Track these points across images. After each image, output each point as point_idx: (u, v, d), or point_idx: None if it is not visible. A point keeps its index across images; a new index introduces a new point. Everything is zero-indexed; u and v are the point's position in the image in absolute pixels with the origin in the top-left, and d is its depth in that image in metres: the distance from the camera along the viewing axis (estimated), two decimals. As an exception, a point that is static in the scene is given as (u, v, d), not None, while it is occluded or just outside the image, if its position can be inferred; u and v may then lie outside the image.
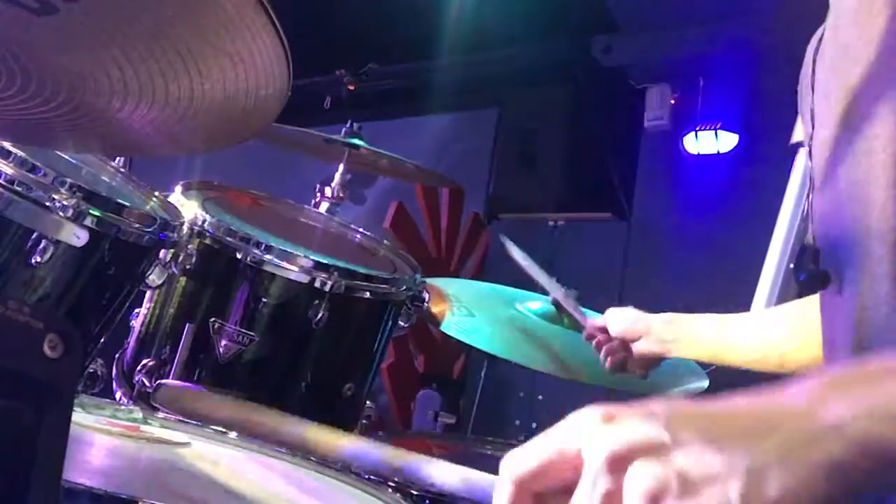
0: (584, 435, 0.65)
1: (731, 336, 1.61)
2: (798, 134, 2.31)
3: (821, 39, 1.03)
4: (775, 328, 1.54)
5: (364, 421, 1.81)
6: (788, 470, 0.59)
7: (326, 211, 2.24)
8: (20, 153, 1.34)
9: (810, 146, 1.04)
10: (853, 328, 0.95)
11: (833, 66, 0.98)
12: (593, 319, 1.80)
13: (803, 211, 2.35)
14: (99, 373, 1.60)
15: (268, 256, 1.65)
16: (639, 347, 1.67)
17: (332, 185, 2.30)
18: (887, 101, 0.88)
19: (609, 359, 1.72)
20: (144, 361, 1.65)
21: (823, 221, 1.01)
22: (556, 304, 1.93)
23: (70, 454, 0.69)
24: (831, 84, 0.98)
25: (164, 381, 1.62)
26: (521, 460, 0.66)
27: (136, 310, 1.73)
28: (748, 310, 2.25)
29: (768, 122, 4.16)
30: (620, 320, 1.69)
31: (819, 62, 1.03)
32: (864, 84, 0.91)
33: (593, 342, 1.76)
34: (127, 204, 1.48)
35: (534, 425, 4.78)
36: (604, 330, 1.72)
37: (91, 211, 1.40)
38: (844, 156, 0.94)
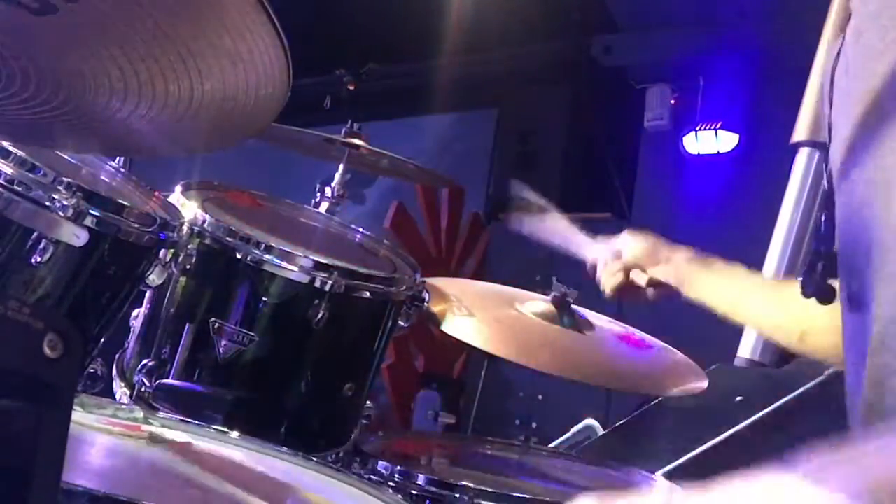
0: None
1: (753, 294, 1.53)
2: (798, 134, 2.31)
3: (839, 51, 1.02)
4: (800, 303, 1.48)
5: (364, 421, 1.81)
6: None
7: (326, 211, 2.24)
8: (20, 153, 1.34)
9: (827, 157, 1.03)
10: (871, 327, 0.95)
11: (855, 69, 0.97)
12: (601, 245, 1.69)
13: (806, 217, 2.35)
14: (99, 373, 1.60)
15: (268, 256, 1.65)
16: (654, 272, 1.58)
17: (332, 185, 2.30)
18: None
19: (611, 281, 1.62)
20: (144, 361, 1.65)
21: (841, 227, 1.00)
22: (555, 303, 1.93)
23: (70, 454, 0.69)
24: (852, 87, 0.97)
25: (163, 380, 1.62)
26: None
27: (136, 310, 1.73)
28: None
29: (768, 122, 4.17)
30: (640, 242, 1.60)
31: (838, 69, 1.02)
32: (888, 84, 0.90)
33: (598, 268, 1.65)
34: (127, 204, 1.48)
35: (534, 425, 4.79)
36: (614, 256, 1.62)
37: (91, 211, 1.40)
38: (864, 158, 0.93)
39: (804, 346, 1.44)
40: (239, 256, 1.65)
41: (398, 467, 1.55)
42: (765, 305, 1.50)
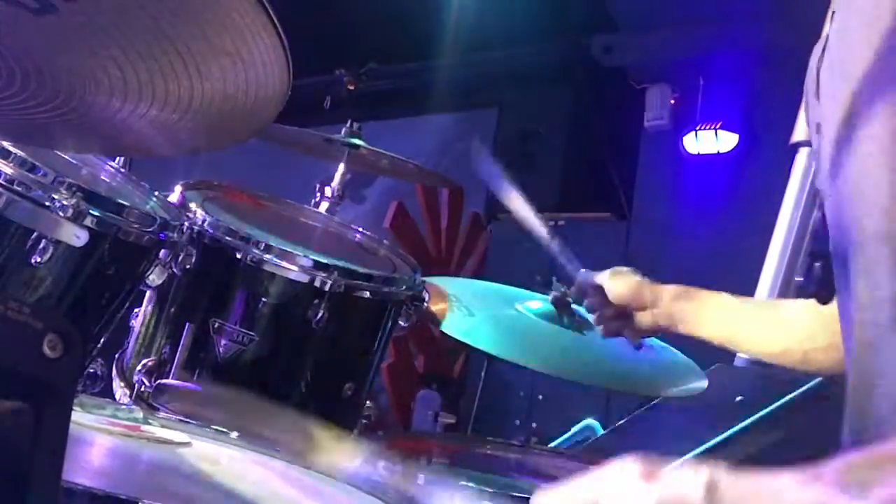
0: (621, 492, 0.67)
1: (749, 322, 1.49)
2: (798, 134, 2.31)
3: (824, 47, 1.02)
4: (799, 322, 1.42)
5: (364, 421, 1.81)
6: None
7: (326, 211, 2.24)
8: (20, 153, 1.34)
9: (819, 155, 1.03)
10: (854, 329, 0.95)
11: (840, 68, 0.97)
12: (589, 276, 1.63)
13: (806, 217, 2.34)
14: (99, 373, 1.60)
15: (268, 256, 1.65)
16: (642, 319, 1.53)
17: (332, 185, 2.30)
18: (887, 100, 0.88)
19: (604, 327, 1.59)
20: (144, 361, 1.65)
21: (831, 227, 1.01)
22: (555, 303, 1.93)
23: (70, 454, 0.69)
24: (837, 85, 0.97)
25: (163, 380, 1.62)
26: None
27: (136, 310, 1.73)
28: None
29: (768, 122, 4.17)
30: (623, 286, 1.54)
31: (823, 69, 1.02)
32: (867, 84, 0.90)
33: (584, 303, 1.62)
34: (127, 204, 1.48)
35: (534, 425, 4.79)
36: (599, 289, 1.58)
37: (91, 211, 1.40)
38: (846, 157, 0.93)
39: (807, 366, 1.42)
40: (239, 256, 1.65)
41: (398, 467, 1.54)
42: (762, 332, 1.47)
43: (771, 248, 2.53)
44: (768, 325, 1.46)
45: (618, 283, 1.54)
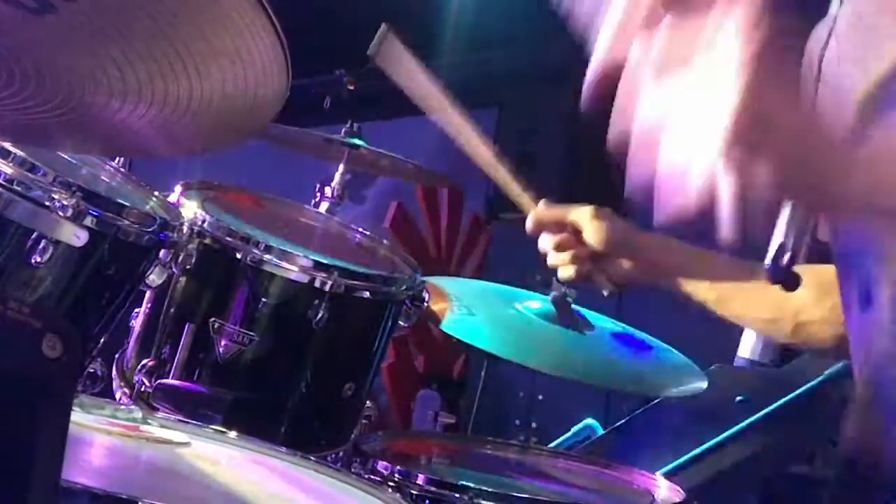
0: None
1: (740, 285, 1.41)
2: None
3: (829, 33, 1.01)
4: (792, 294, 1.26)
5: (364, 421, 1.81)
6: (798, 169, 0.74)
7: (326, 211, 2.24)
8: (20, 153, 1.34)
9: None
10: (852, 317, 0.94)
11: (855, 54, 0.96)
12: (556, 210, 1.50)
13: (809, 217, 2.33)
14: (99, 373, 1.60)
15: (268, 256, 1.65)
16: (620, 266, 1.44)
17: (332, 185, 2.30)
18: None
19: (574, 269, 1.47)
20: (144, 361, 1.65)
21: (847, 226, 1.00)
22: (555, 303, 1.93)
23: (70, 454, 0.69)
24: (852, 71, 0.96)
25: (163, 380, 1.62)
26: None
27: (136, 310, 1.73)
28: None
29: (768, 122, 4.15)
30: (607, 231, 1.44)
31: (827, 56, 1.01)
32: (891, 76, 0.89)
33: (550, 241, 1.48)
34: (127, 204, 1.48)
35: (534, 425, 4.79)
36: (572, 228, 1.46)
37: (91, 211, 1.40)
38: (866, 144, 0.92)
39: (796, 339, 1.38)
40: (239, 256, 1.65)
41: (398, 467, 1.55)
42: (753, 298, 1.43)
43: (771, 247, 2.52)
44: (760, 291, 1.39)
45: (601, 226, 1.45)
